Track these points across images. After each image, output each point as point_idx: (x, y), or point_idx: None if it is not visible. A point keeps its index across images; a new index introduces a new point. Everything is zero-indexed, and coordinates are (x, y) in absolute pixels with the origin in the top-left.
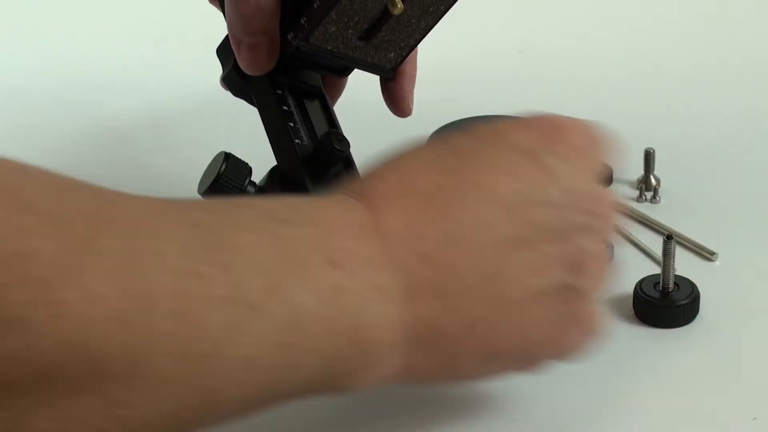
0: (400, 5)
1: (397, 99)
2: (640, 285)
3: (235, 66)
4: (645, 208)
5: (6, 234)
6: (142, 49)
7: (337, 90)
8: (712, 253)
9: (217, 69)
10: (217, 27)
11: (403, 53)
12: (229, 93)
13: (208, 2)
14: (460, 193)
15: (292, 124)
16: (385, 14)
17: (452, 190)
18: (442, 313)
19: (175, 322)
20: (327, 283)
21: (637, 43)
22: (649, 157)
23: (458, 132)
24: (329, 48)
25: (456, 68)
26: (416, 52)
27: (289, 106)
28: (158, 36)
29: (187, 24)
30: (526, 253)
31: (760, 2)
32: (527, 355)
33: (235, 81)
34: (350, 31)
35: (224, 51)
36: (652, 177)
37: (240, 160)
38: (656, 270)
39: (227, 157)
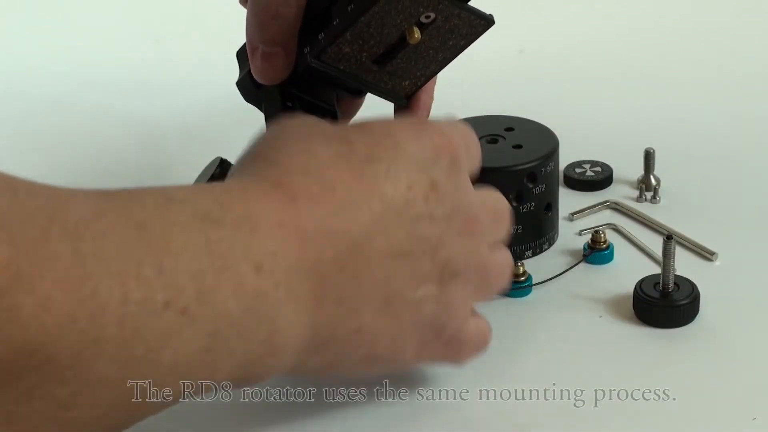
0: (417, 35)
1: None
2: (640, 285)
3: (250, 72)
4: (645, 208)
5: None
6: (141, 49)
7: (351, 110)
8: (712, 253)
9: (216, 68)
10: (215, 27)
11: (418, 83)
12: (225, 96)
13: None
14: (365, 199)
15: None
16: (402, 42)
17: (359, 194)
18: (339, 318)
19: (118, 327)
20: (252, 289)
21: (637, 43)
22: (649, 157)
23: (351, 126)
24: (341, 68)
25: (455, 68)
26: (434, 82)
27: None
28: (157, 36)
29: (187, 24)
30: (409, 264)
31: (760, 3)
32: (400, 361)
33: (248, 87)
34: (364, 54)
35: (243, 55)
36: (652, 177)
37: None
38: (656, 270)
39: (222, 163)
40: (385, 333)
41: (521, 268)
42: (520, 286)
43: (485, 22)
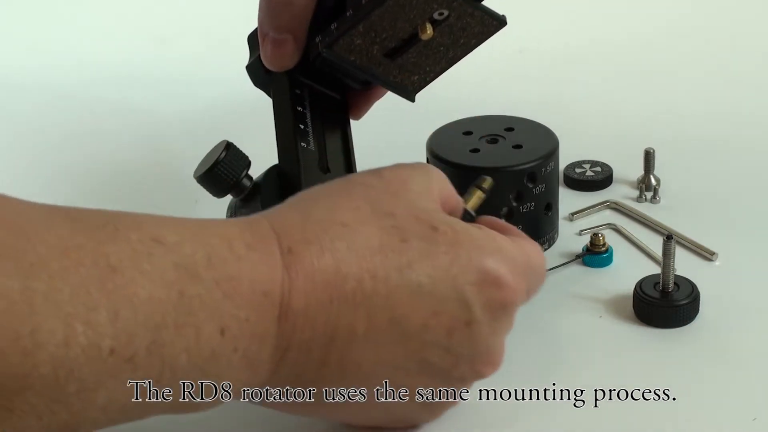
0: (429, 31)
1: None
2: (640, 285)
3: (260, 57)
4: (645, 208)
5: None
6: (147, 49)
7: (363, 102)
8: (712, 253)
9: (219, 67)
10: (218, 28)
11: (427, 78)
12: (227, 94)
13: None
14: (371, 305)
15: (302, 126)
16: (414, 37)
17: (367, 299)
18: (293, 387)
19: (51, 366)
20: (209, 350)
21: (637, 43)
22: (649, 157)
23: (418, 225)
24: (352, 59)
25: (455, 68)
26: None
27: (303, 107)
28: (163, 36)
29: (191, 24)
30: (390, 372)
31: (761, 3)
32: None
33: (258, 72)
34: (376, 47)
35: (254, 39)
36: (652, 177)
37: (241, 151)
38: (656, 270)
39: (228, 146)
40: (343, 407)
41: None
42: None
43: (497, 22)
